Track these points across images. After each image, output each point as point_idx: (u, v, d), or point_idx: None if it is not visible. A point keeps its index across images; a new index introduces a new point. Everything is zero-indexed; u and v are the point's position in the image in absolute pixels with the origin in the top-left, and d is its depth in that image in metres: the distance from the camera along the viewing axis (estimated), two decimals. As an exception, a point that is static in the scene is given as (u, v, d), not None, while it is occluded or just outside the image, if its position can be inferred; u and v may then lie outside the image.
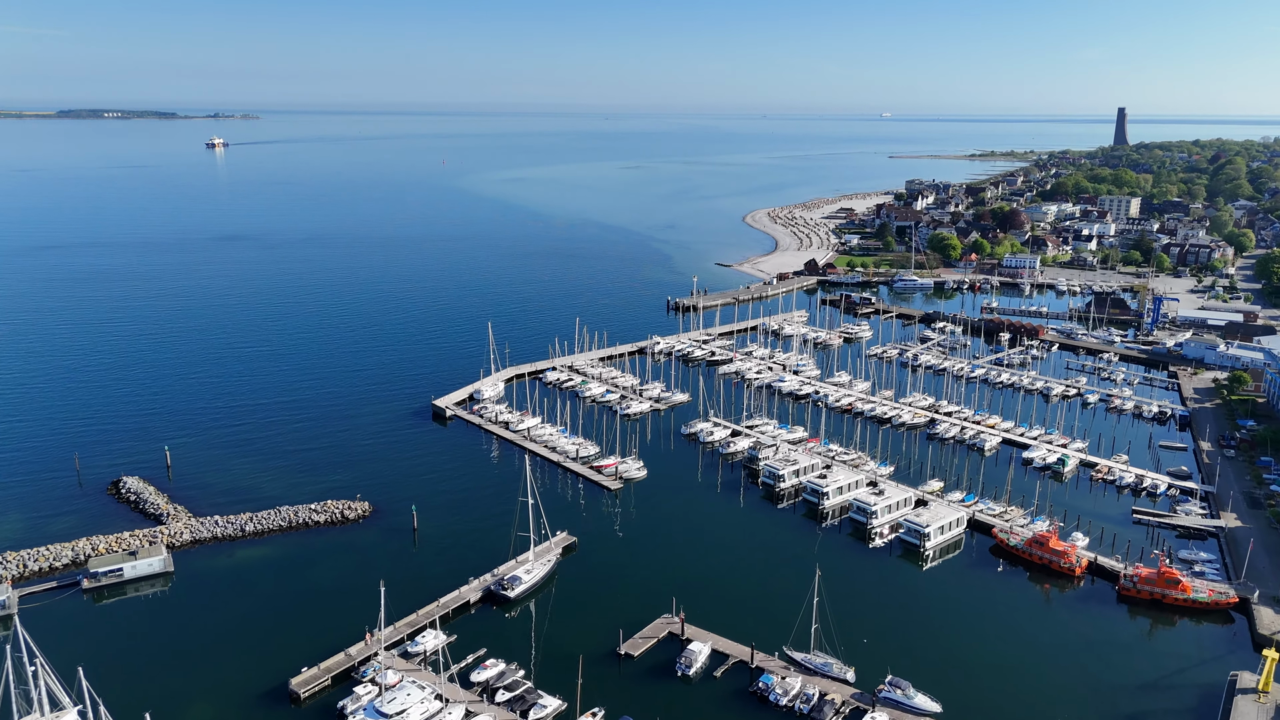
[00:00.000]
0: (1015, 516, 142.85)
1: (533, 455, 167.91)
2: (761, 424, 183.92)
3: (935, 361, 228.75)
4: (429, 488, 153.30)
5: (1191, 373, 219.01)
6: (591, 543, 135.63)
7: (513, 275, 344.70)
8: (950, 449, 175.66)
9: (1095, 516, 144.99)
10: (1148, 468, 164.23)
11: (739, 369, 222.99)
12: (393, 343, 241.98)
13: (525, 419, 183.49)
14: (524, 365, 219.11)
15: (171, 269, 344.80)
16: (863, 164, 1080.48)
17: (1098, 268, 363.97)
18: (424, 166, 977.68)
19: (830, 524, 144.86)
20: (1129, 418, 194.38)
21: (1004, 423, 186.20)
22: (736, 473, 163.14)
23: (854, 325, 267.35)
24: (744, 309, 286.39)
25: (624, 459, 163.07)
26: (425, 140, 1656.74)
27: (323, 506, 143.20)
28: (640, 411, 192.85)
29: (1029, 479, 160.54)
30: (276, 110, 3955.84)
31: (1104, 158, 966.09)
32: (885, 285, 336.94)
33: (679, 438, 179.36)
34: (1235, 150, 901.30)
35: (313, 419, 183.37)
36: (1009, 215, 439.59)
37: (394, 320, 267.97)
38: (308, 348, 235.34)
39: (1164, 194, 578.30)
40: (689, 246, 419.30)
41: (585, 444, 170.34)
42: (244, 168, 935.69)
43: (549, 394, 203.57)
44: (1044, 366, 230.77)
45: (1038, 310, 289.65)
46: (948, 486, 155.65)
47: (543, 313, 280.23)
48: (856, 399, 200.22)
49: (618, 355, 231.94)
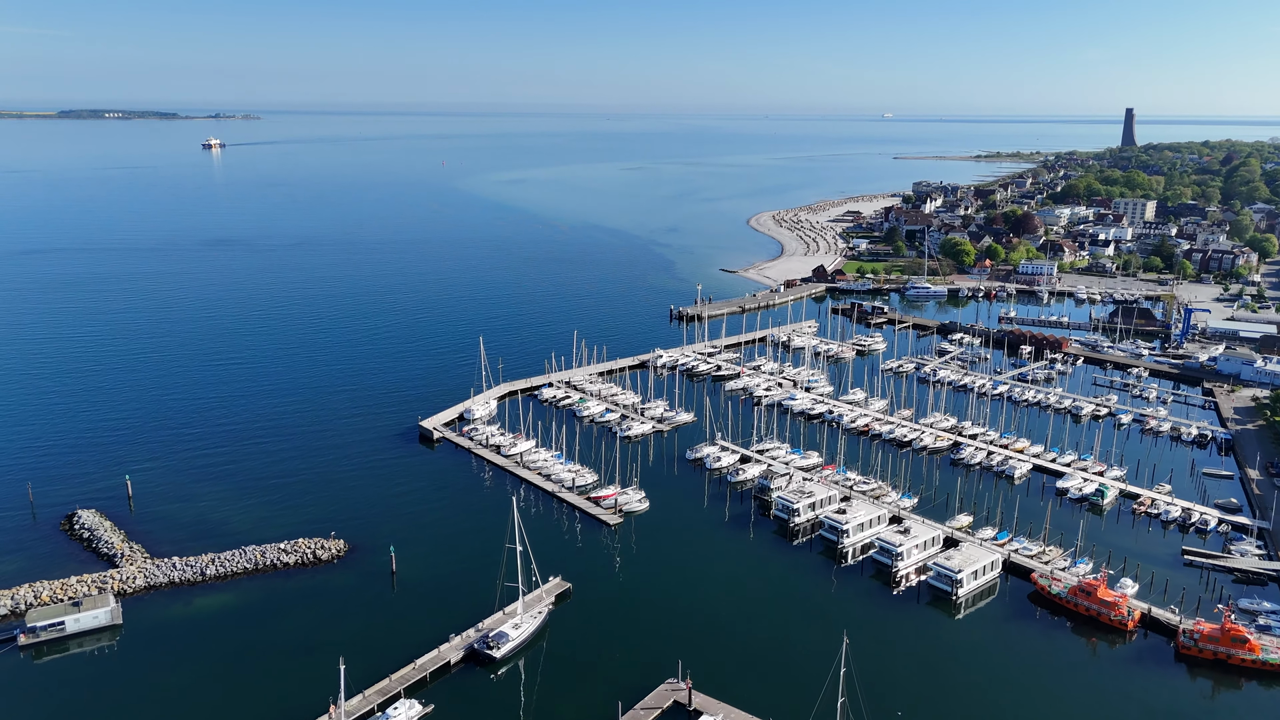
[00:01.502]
0: (1055, 558, 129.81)
1: (526, 484, 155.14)
2: (772, 448, 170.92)
3: (955, 377, 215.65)
4: (411, 522, 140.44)
5: (1228, 390, 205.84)
6: (588, 589, 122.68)
7: (509, 282, 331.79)
8: (976, 476, 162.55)
9: (1141, 557, 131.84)
10: (1193, 499, 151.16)
11: (746, 385, 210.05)
12: (379, 356, 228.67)
13: (518, 442, 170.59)
14: (518, 381, 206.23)
15: (153, 276, 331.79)
16: (867, 165, 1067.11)
17: (1117, 274, 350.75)
18: (423, 168, 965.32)
19: (850, 564, 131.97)
20: (1166, 440, 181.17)
21: (1033, 446, 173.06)
22: (746, 504, 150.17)
23: (867, 337, 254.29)
24: (750, 318, 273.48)
25: (624, 489, 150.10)
26: (426, 141, 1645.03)
27: (293, 546, 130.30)
28: (642, 433, 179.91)
29: (1065, 512, 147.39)
30: (278, 110, 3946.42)
31: (1112, 159, 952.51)
32: (897, 293, 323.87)
33: (683, 463, 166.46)
34: (1247, 151, 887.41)
35: (289, 443, 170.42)
36: (1022, 219, 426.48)
37: (382, 331, 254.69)
38: (289, 362, 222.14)
39: (1178, 196, 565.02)
40: (692, 251, 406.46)
41: (582, 471, 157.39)
42: (240, 169, 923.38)
43: (544, 413, 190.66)
44: (1070, 382, 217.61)
45: (1058, 320, 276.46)
46: (977, 521, 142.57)
47: (539, 323, 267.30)
48: (873, 419, 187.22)
49: (618, 370, 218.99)
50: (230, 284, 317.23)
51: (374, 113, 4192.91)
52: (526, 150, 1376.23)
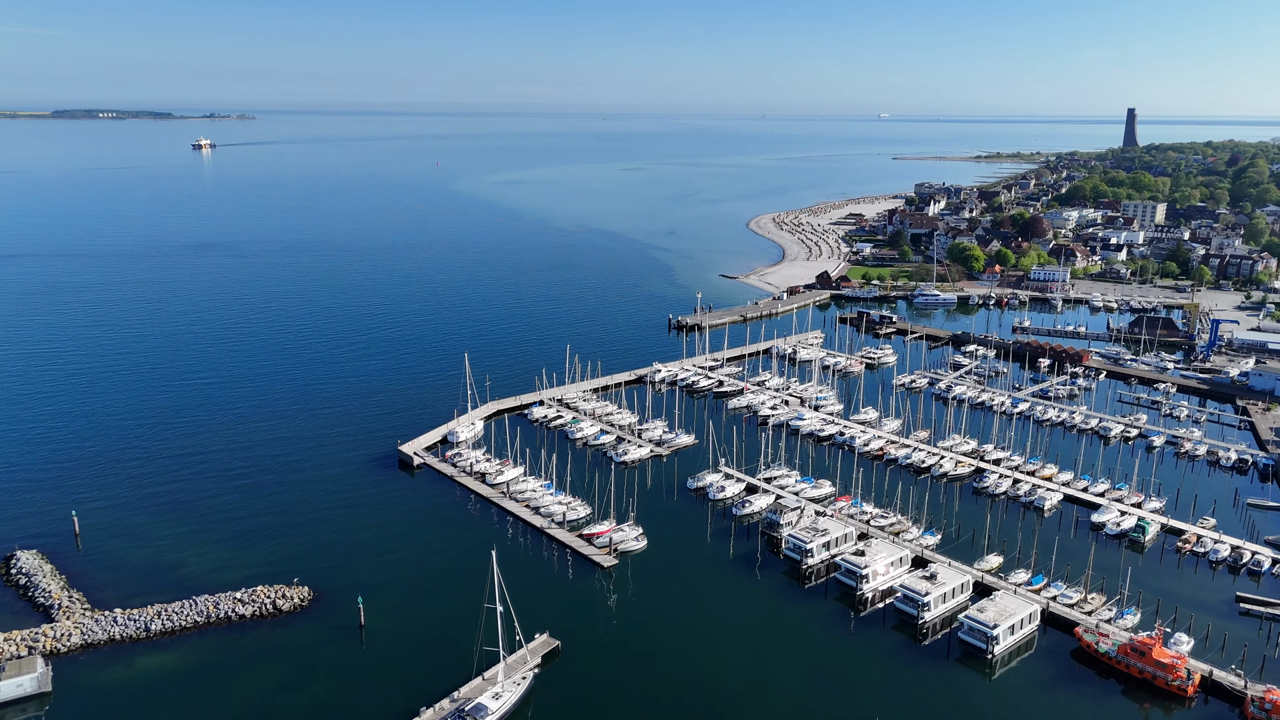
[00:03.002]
0: (1098, 608, 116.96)
1: (512, 519, 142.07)
2: (780, 475, 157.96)
3: (972, 394, 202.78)
4: (384, 565, 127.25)
5: (1264, 408, 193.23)
6: (578, 646, 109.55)
7: (499, 289, 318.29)
8: (1002, 508, 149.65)
9: (1192, 605, 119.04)
10: (1240, 534, 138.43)
11: (751, 403, 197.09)
12: (359, 373, 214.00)
13: (505, 469, 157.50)
14: (507, 399, 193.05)
15: (126, 284, 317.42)
16: (866, 166, 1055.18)
17: (1132, 281, 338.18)
18: (417, 168, 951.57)
19: (870, 611, 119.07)
20: (1203, 465, 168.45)
21: (1061, 473, 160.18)
22: (753, 541, 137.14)
23: (876, 349, 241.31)
24: (754, 328, 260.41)
25: (620, 525, 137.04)
26: (421, 141, 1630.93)
27: (250, 595, 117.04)
28: (639, 458, 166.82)
29: (1102, 550, 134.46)
30: (273, 110, 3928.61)
31: (1115, 159, 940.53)
32: (904, 300, 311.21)
33: (684, 493, 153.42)
34: (1251, 152, 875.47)
35: (255, 472, 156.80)
36: (1030, 222, 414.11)
37: (362, 345, 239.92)
38: (261, 381, 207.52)
39: (1186, 198, 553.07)
40: (691, 256, 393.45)
41: (574, 504, 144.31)
42: (230, 170, 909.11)
43: (534, 435, 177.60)
44: (1093, 399, 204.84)
45: (1075, 330, 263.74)
46: (1008, 562, 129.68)
47: (530, 335, 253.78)
48: (888, 442, 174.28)
49: (614, 386, 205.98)
50: (208, 294, 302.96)
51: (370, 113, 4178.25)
52: (523, 151, 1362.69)
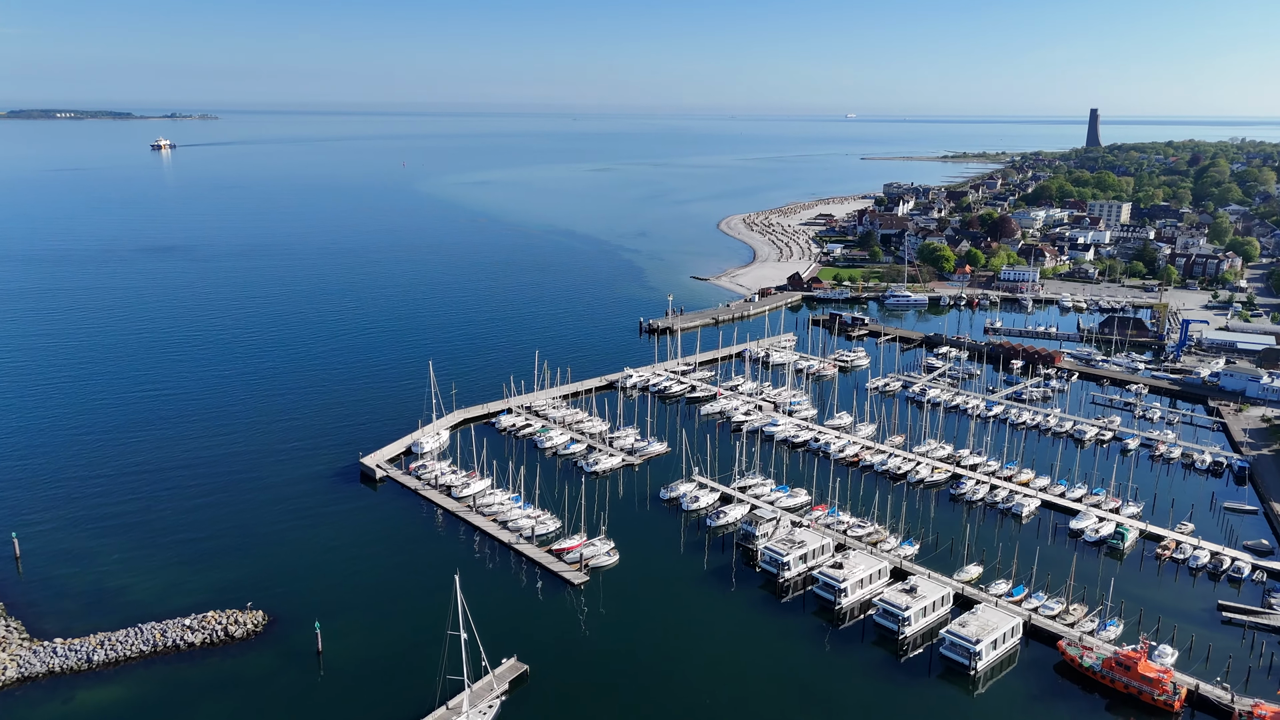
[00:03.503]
0: (1080, 619, 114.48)
1: (479, 534, 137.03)
2: (755, 484, 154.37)
3: (946, 397, 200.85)
4: (344, 586, 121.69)
5: (1236, 409, 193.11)
6: (548, 670, 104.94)
7: (465, 293, 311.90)
8: (979, 515, 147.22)
9: (1174, 614, 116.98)
10: (1219, 540, 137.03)
11: (724, 409, 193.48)
12: (318, 382, 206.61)
13: (471, 481, 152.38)
14: (474, 407, 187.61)
15: (77, 289, 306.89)
16: (835, 166, 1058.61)
17: (1100, 280, 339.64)
18: (383, 169, 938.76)
19: (849, 625, 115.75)
20: (1178, 468, 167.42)
21: (1037, 478, 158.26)
22: (728, 554, 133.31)
23: (849, 351, 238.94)
24: (726, 331, 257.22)
25: (591, 540, 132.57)
26: (387, 141, 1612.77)
27: (201, 622, 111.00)
28: (610, 468, 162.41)
29: (1081, 557, 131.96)
30: (237, 110, 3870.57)
31: (1079, 159, 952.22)
32: (876, 301, 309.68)
33: (657, 503, 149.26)
34: (1212, 152, 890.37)
35: (209, 489, 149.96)
36: (999, 222, 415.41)
37: (323, 352, 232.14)
38: (215, 391, 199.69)
39: (1150, 198, 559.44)
40: (662, 257, 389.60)
41: (543, 517, 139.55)
42: (190, 171, 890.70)
43: (502, 444, 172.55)
44: (1066, 401, 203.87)
45: (1046, 331, 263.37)
46: (988, 572, 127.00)
47: (497, 340, 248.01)
48: (863, 448, 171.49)
49: (584, 392, 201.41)
50: (161, 300, 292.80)
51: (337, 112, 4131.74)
52: (491, 151, 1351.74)
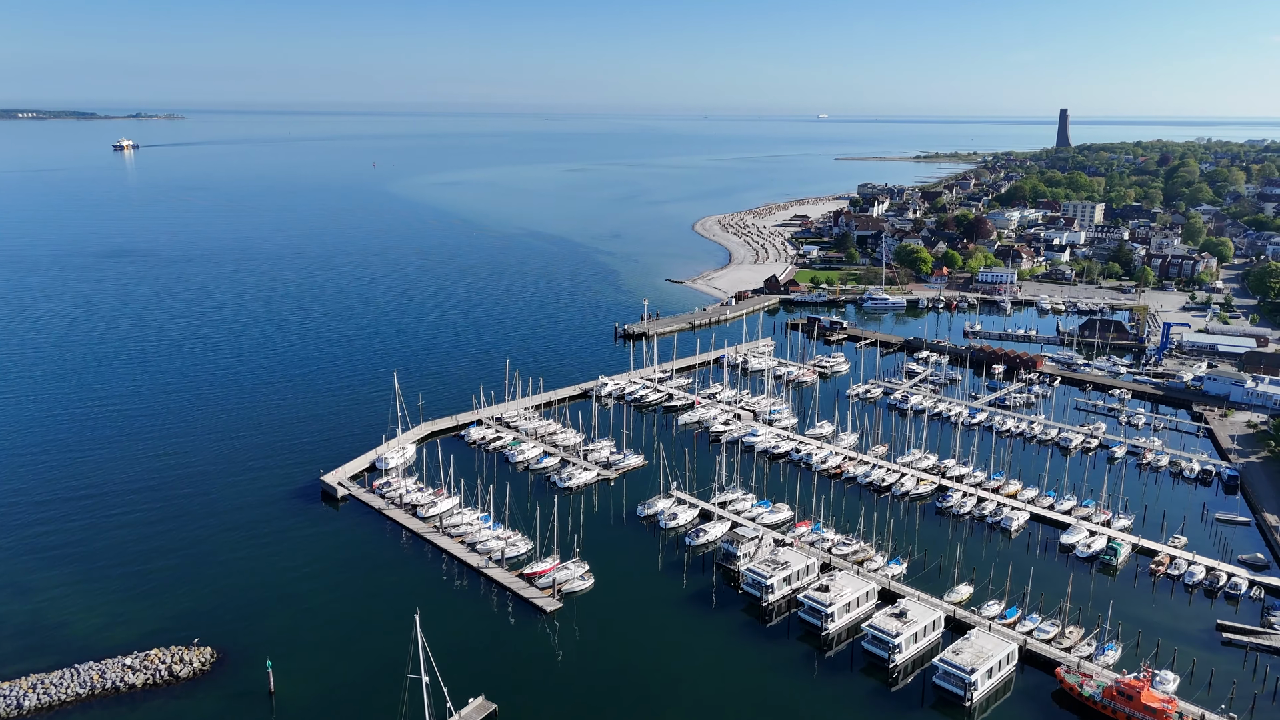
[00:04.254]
0: (1077, 642, 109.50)
1: (447, 557, 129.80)
2: (735, 499, 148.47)
3: (929, 404, 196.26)
4: (300, 618, 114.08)
5: (1221, 414, 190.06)
6: (518, 707, 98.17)
7: (434, 298, 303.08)
8: (967, 529, 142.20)
9: (1173, 636, 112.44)
10: (1212, 553, 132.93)
11: (702, 418, 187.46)
12: (278, 395, 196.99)
13: (439, 500, 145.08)
14: (441, 419, 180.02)
15: (27, 298, 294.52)
16: (808, 166, 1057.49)
17: (1077, 282, 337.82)
18: (353, 170, 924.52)
19: (836, 651, 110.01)
20: (1166, 477, 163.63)
21: (1025, 489, 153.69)
22: (709, 575, 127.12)
23: (828, 357, 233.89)
24: (703, 336, 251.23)
25: (564, 562, 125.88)
26: (357, 142, 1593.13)
27: (144, 660, 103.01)
28: (585, 483, 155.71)
29: (1074, 574, 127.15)
30: (204, 110, 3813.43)
31: (1050, 159, 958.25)
32: (853, 304, 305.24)
33: (633, 521, 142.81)
34: (1180, 152, 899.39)
35: (157, 514, 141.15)
36: (975, 223, 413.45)
37: (283, 362, 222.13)
38: (168, 404, 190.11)
39: (1121, 198, 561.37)
40: (637, 260, 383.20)
41: (514, 539, 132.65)
42: (154, 172, 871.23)
43: (471, 459, 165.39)
44: (1049, 406, 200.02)
45: (1026, 334, 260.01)
46: (979, 592, 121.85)
47: (467, 348, 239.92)
48: (845, 458, 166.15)
49: (557, 401, 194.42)
50: (114, 307, 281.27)
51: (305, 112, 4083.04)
52: (463, 151, 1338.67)
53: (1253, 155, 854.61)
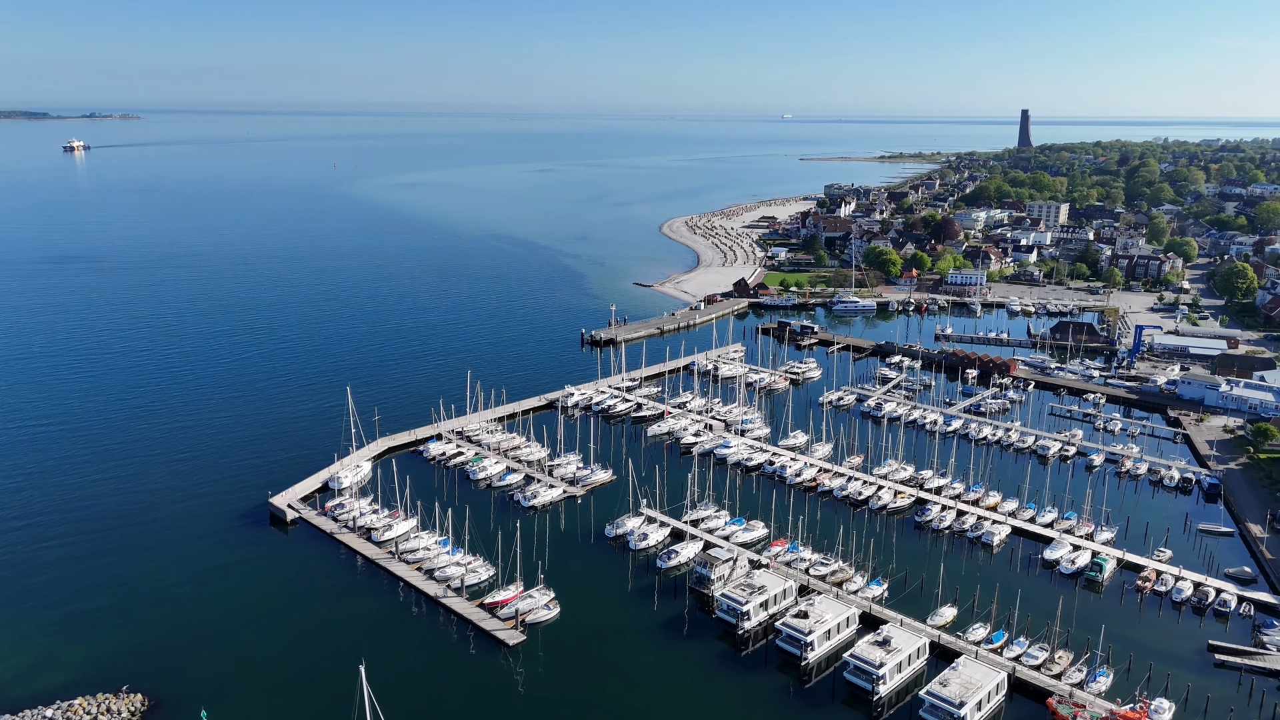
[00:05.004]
0: (1067, 668, 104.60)
1: (403, 585, 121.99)
2: (708, 517, 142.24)
3: (903, 412, 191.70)
4: (241, 657, 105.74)
5: (1196, 419, 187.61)
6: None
7: (392, 305, 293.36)
8: (947, 545, 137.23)
9: (1164, 659, 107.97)
10: (1198, 567, 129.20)
11: (672, 429, 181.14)
12: (225, 409, 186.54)
13: (395, 522, 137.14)
14: (399, 434, 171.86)
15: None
16: (774, 167, 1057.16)
17: (1045, 283, 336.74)
18: (313, 170, 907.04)
19: (817, 681, 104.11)
20: (1146, 486, 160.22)
21: (1005, 501, 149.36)
22: (681, 600, 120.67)
23: (799, 363, 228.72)
24: (672, 342, 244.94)
25: (528, 590, 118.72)
26: (318, 142, 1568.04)
27: (66, 712, 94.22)
28: (550, 501, 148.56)
29: (1059, 592, 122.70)
30: (161, 110, 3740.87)
31: (1012, 159, 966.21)
32: (823, 307, 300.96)
33: (601, 542, 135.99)
34: (1139, 151, 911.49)
35: (89, 546, 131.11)
36: (943, 224, 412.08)
37: (230, 375, 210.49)
38: (105, 421, 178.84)
39: (1084, 198, 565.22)
40: (603, 263, 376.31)
41: (474, 564, 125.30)
42: (106, 173, 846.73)
43: (430, 476, 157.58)
44: (1024, 411, 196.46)
45: (998, 337, 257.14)
46: (963, 614, 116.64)
47: (427, 358, 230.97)
48: (820, 470, 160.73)
49: (521, 413, 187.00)
50: (54, 316, 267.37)
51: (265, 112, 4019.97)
52: (426, 151, 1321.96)
53: (1210, 155, 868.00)
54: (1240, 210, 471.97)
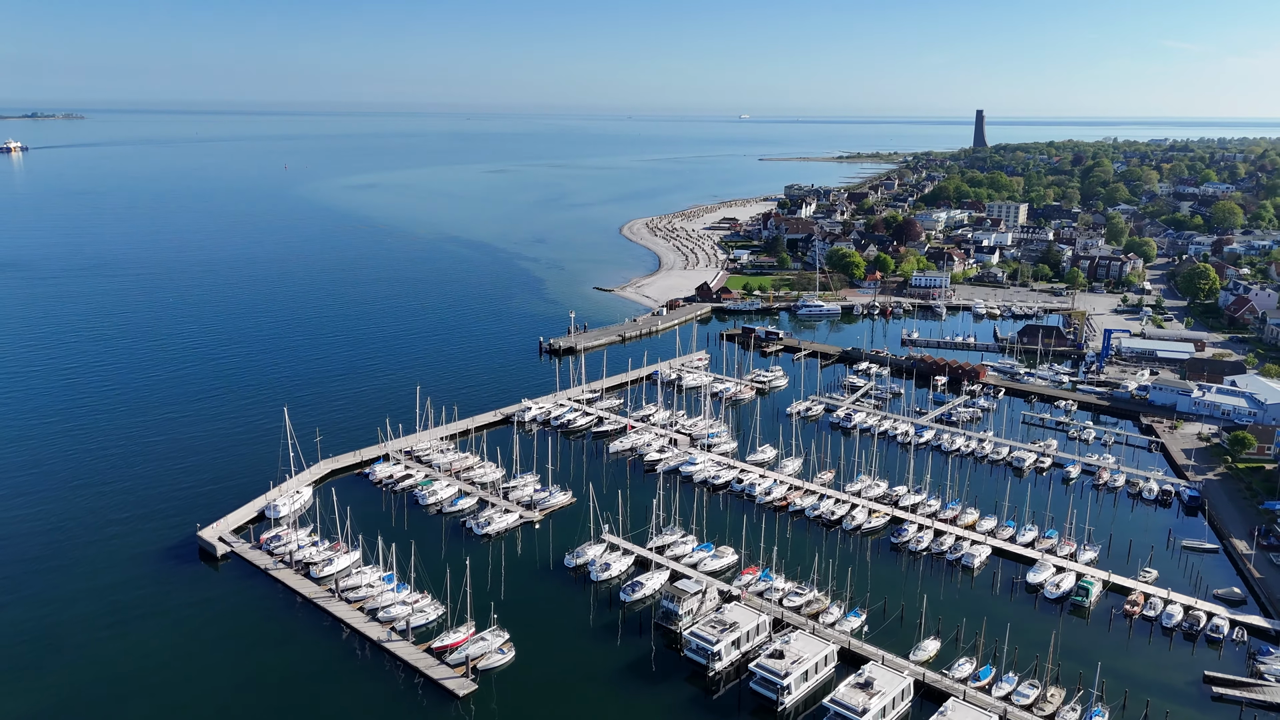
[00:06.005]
0: (1060, 707, 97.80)
1: (344, 628, 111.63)
2: (674, 542, 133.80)
3: (873, 422, 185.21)
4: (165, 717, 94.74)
5: (1170, 426, 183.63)
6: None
7: (337, 313, 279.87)
8: (926, 569, 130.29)
9: (1159, 692, 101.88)
10: (1183, 585, 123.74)
11: (635, 444, 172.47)
12: (153, 431, 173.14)
13: (336, 555, 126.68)
14: (344, 455, 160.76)
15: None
16: (733, 167, 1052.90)
17: (1009, 284, 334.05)
18: (263, 172, 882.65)
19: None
20: (1124, 498, 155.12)
21: (983, 519, 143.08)
22: (647, 639, 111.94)
23: (765, 371, 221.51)
24: (634, 349, 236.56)
25: (480, 632, 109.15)
26: (270, 142, 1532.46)
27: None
28: (506, 528, 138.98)
29: (1044, 618, 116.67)
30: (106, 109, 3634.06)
31: (968, 159, 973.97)
32: (788, 311, 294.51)
33: (561, 573, 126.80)
34: (1091, 151, 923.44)
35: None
36: (905, 225, 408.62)
37: (158, 395, 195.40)
38: (24, 448, 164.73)
39: (1041, 198, 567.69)
40: (562, 266, 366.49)
41: (421, 603, 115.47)
42: (44, 175, 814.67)
43: (376, 501, 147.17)
44: (996, 420, 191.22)
45: (965, 342, 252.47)
46: (947, 647, 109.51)
47: (373, 370, 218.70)
48: (790, 488, 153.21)
49: (475, 430, 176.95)
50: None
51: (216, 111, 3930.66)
52: (380, 152, 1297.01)
53: (1160, 155, 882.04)
54: (1196, 210, 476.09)
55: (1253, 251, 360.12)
